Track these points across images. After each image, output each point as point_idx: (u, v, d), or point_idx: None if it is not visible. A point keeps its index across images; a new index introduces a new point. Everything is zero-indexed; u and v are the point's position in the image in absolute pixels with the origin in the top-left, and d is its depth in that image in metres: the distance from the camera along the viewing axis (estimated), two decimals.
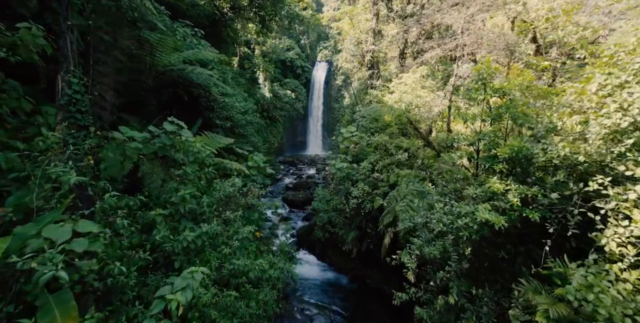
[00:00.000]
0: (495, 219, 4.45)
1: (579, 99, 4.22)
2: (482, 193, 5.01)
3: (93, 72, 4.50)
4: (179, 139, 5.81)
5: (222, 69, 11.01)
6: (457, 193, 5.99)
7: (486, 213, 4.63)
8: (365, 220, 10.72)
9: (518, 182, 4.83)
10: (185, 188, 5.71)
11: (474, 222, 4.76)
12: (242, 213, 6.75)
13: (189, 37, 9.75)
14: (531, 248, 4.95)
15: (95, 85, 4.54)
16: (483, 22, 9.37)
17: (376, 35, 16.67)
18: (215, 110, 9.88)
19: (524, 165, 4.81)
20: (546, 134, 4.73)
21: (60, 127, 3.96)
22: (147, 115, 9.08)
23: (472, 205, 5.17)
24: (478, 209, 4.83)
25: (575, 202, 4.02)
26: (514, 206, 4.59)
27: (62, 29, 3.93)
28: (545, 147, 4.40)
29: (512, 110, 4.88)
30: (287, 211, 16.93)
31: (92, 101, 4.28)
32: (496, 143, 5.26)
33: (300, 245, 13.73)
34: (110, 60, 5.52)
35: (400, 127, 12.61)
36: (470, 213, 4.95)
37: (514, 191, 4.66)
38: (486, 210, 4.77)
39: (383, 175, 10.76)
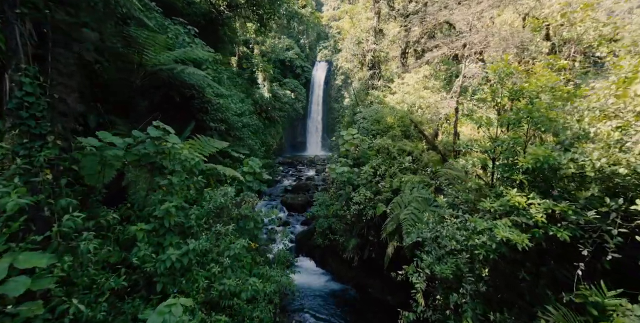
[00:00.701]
0: (518, 238, 3.89)
1: (616, 102, 3.67)
2: (501, 207, 4.45)
3: (52, 70, 3.93)
4: (165, 144, 5.24)
5: (218, 68, 10.44)
6: (469, 204, 5.43)
7: (506, 230, 4.07)
8: (367, 227, 10.17)
9: (541, 195, 4.27)
10: (171, 200, 5.14)
11: (492, 239, 4.20)
12: (235, 225, 6.18)
13: (181, 35, 9.18)
14: (554, 267, 4.39)
15: (54, 87, 3.97)
16: (491, 20, 8.81)
17: (377, 34, 16.09)
18: (209, 112, 9.31)
19: (548, 177, 4.25)
20: (575, 141, 4.17)
21: (8, 136, 3.39)
22: (137, 117, 8.52)
23: (488, 220, 4.62)
24: (497, 225, 4.28)
25: (613, 220, 3.46)
26: (539, 223, 4.03)
27: (8, 18, 3.31)
28: (575, 156, 3.84)
29: (534, 115, 4.33)
30: (285, 215, 16.37)
31: (50, 105, 3.71)
32: (515, 151, 4.70)
33: (299, 251, 13.17)
34: (73, 57, 4.93)
35: (403, 129, 12.05)
36: (487, 230, 4.39)
37: (537, 206, 4.10)
38: (506, 226, 4.21)
39: (385, 180, 10.20)
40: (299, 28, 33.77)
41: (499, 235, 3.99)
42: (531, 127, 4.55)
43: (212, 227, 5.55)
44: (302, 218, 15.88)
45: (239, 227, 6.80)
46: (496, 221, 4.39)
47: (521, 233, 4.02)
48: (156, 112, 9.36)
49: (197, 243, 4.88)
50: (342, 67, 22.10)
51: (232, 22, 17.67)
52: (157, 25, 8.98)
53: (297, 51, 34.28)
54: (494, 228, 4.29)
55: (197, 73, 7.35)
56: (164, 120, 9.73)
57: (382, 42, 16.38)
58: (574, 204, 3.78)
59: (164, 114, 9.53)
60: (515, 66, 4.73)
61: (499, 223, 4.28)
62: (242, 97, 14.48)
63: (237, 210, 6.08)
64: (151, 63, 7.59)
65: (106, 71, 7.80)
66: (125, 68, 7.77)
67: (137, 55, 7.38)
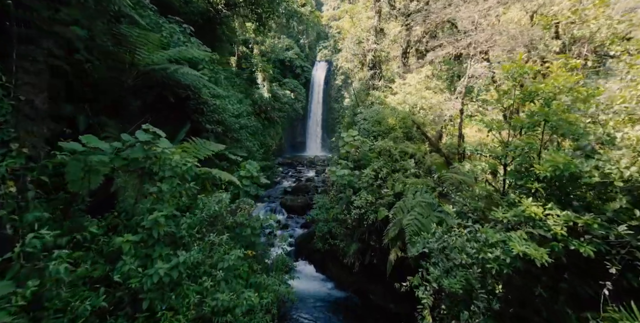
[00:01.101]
0: (536, 253, 3.53)
1: None
2: (515, 218, 4.09)
3: (17, 69, 3.56)
4: (155, 149, 4.87)
5: (215, 68, 10.09)
6: (478, 213, 5.07)
7: (522, 244, 3.72)
8: (368, 232, 9.81)
9: (559, 206, 3.91)
10: (160, 209, 4.79)
11: (506, 254, 3.85)
12: (231, 233, 5.83)
13: (176, 34, 8.81)
14: (576, 284, 4.03)
15: (20, 87, 3.60)
16: (497, 18, 8.46)
17: (378, 33, 15.73)
18: (205, 114, 8.95)
19: (567, 186, 3.90)
20: (598, 147, 3.82)
21: None
22: (130, 118, 8.17)
23: (501, 232, 4.26)
24: (511, 238, 3.92)
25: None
26: (558, 236, 3.68)
27: None
28: (599, 164, 3.49)
29: (551, 118, 3.97)
30: (285, 217, 16.01)
31: (15, 108, 3.35)
32: (529, 157, 4.34)
33: (298, 255, 12.83)
34: (43, 54, 4.54)
35: (405, 131, 11.70)
36: (500, 243, 4.04)
37: (556, 217, 3.74)
38: (521, 239, 3.86)
39: (387, 184, 9.85)
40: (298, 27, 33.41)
41: (515, 250, 3.63)
42: (547, 131, 4.20)
43: (205, 236, 5.19)
44: (301, 220, 15.52)
45: (235, 234, 6.45)
46: (510, 233, 4.04)
47: (539, 248, 3.67)
48: (150, 113, 9.03)
49: (188, 255, 4.52)
50: (342, 67, 21.73)
51: (230, 21, 17.31)
52: (152, 23, 8.62)
53: (296, 51, 33.92)
54: (508, 241, 3.94)
55: (192, 73, 6.99)
56: (158, 122, 9.37)
57: (383, 41, 16.02)
58: (599, 217, 3.43)
59: (158, 115, 9.18)
60: (530, 65, 4.37)
61: (514, 235, 3.93)
62: (241, 97, 14.12)
63: (232, 218, 5.72)
64: (144, 62, 7.23)
65: (97, 70, 7.45)
66: (116, 67, 7.41)
67: (128, 54, 7.02)
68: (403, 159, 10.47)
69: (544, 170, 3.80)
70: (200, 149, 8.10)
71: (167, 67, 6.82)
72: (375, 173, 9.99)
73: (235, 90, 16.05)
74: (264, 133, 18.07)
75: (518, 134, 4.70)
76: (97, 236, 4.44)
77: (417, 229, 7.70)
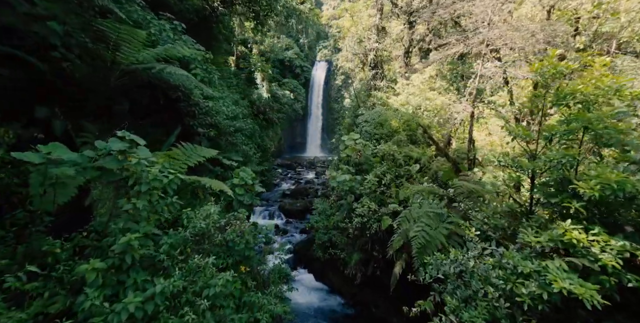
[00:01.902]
0: (585, 293, 2.85)
1: None
2: (550, 243, 3.41)
3: None
4: (131, 159, 4.18)
5: (208, 68, 9.39)
6: (501, 232, 4.39)
7: (563, 276, 3.04)
8: (371, 241, 9.13)
9: (606, 230, 3.23)
10: (136, 228, 4.10)
11: (543, 288, 3.17)
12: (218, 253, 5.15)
13: (166, 31, 8.11)
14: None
15: None
16: (510, 14, 7.79)
17: (380, 32, 15.02)
18: (197, 116, 8.26)
19: (617, 207, 3.22)
20: None
21: None
22: (117, 122, 7.49)
23: (532, 258, 3.58)
24: (547, 268, 3.25)
25: None
26: (608, 268, 3.01)
27: None
28: None
29: (595, 125, 3.29)
30: (283, 221, 15.35)
31: None
32: (564, 170, 3.65)
33: (297, 263, 12.15)
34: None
35: (408, 134, 11.02)
36: (534, 273, 3.35)
37: (605, 245, 3.07)
38: (561, 270, 3.18)
39: (391, 190, 9.16)
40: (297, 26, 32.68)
41: (556, 286, 2.95)
42: (589, 140, 3.52)
43: (190, 258, 4.50)
44: (301, 225, 14.84)
45: (227, 248, 5.78)
46: (545, 262, 3.35)
47: (585, 283, 2.99)
48: (140, 116, 8.34)
49: (167, 284, 3.84)
50: (343, 67, 21.04)
51: (227, 19, 16.60)
52: (139, 19, 7.93)
53: (296, 51, 33.21)
54: (543, 271, 3.26)
55: (179, 73, 6.30)
56: (147, 125, 8.69)
57: (385, 40, 15.32)
58: None
59: (147, 117, 8.49)
60: (567, 64, 3.69)
61: (551, 265, 3.25)
62: (237, 98, 13.41)
63: (220, 236, 5.03)
64: (127, 61, 6.53)
65: (78, 70, 6.76)
66: (98, 66, 6.72)
67: (109, 51, 6.32)
68: (407, 164, 9.80)
69: (589, 189, 3.11)
70: (191, 155, 7.41)
71: (151, 66, 6.13)
72: (379, 179, 9.31)
73: (233, 90, 15.34)
74: (262, 134, 17.36)
75: (547, 143, 4.02)
76: (59, 261, 3.75)
77: (424, 242, 7.02)
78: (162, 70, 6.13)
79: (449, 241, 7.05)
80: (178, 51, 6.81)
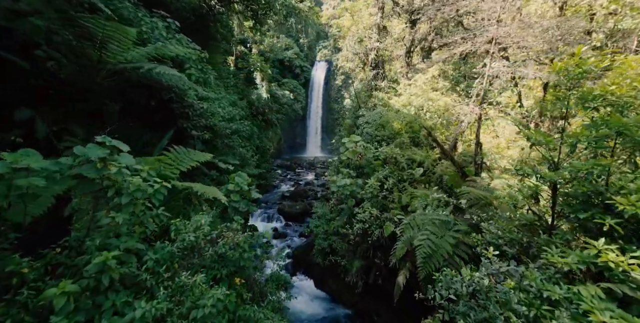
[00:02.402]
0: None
1: None
2: (581, 266, 2.99)
3: None
4: (111, 168, 3.75)
5: (204, 68, 8.97)
6: (517, 247, 3.97)
7: (603, 309, 2.62)
8: (373, 248, 8.71)
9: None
10: (117, 244, 3.69)
11: (577, 319, 2.75)
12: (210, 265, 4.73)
13: (159, 29, 7.68)
14: None
15: None
16: (519, 10, 7.35)
17: (381, 31, 14.58)
18: (191, 118, 7.83)
19: None
20: None
21: None
22: (106, 124, 7.07)
23: (560, 283, 3.16)
24: (581, 295, 2.83)
25: None
26: None
27: None
28: None
29: (632, 131, 2.87)
30: (282, 224, 14.93)
31: None
32: (593, 181, 3.22)
33: (296, 268, 11.74)
34: None
35: (411, 136, 10.59)
36: (564, 301, 2.93)
37: None
38: (597, 299, 2.76)
39: (394, 195, 8.74)
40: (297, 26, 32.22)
41: (595, 319, 2.53)
42: (625, 147, 3.09)
43: (177, 274, 4.07)
44: (300, 228, 14.42)
45: (220, 259, 5.36)
46: (576, 287, 2.93)
47: (626, 314, 2.57)
48: (132, 118, 7.92)
49: (149, 307, 3.42)
50: (343, 67, 20.59)
51: (226, 18, 16.17)
52: (131, 16, 7.50)
53: (296, 51, 32.77)
54: (575, 298, 2.84)
55: (169, 72, 5.86)
56: (140, 127, 8.27)
57: (386, 40, 14.88)
58: None
59: (139, 120, 8.07)
60: (596, 62, 3.26)
61: (584, 292, 2.83)
62: (235, 99, 12.96)
63: (212, 250, 4.60)
64: (114, 60, 6.10)
65: (63, 69, 6.34)
66: (84, 65, 6.29)
67: (95, 50, 5.89)
68: (410, 168, 9.37)
69: (629, 205, 2.69)
70: (184, 159, 6.99)
71: (139, 66, 5.70)
72: (380, 184, 8.88)
73: (231, 91, 14.91)
74: (260, 136, 16.93)
75: (571, 150, 3.59)
76: (26, 283, 3.33)
77: (430, 251, 6.61)
78: (151, 70, 5.69)
79: (455, 251, 6.64)
80: (170, 50, 6.38)
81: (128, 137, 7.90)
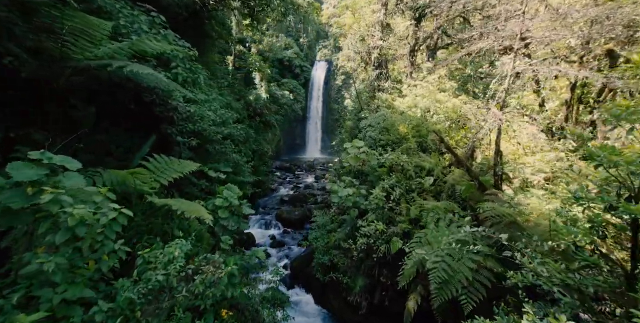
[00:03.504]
0: None
1: None
2: None
3: None
4: (47, 193, 2.82)
5: (193, 67, 8.02)
6: (575, 293, 3.03)
7: None
8: (379, 265, 7.78)
9: None
10: (47, 297, 2.75)
11: None
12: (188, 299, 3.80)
13: (140, 22, 6.74)
14: None
15: None
16: (543, 1, 6.39)
17: (384, 28, 13.61)
18: (176, 123, 6.90)
19: None
20: None
21: None
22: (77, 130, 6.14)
23: None
24: None
25: None
26: None
27: None
28: None
29: None
30: (280, 231, 13.99)
31: None
32: None
33: (294, 281, 10.80)
34: None
35: (418, 141, 9.66)
36: None
37: None
38: None
39: (401, 207, 7.81)
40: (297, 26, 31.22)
41: None
42: None
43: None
44: (299, 236, 13.50)
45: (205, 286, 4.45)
46: None
47: None
48: (108, 122, 6.97)
49: None
50: (343, 67, 19.62)
51: (221, 15, 15.20)
52: (108, 8, 6.56)
53: (296, 50, 31.79)
54: None
55: (144, 71, 4.91)
56: (121, 133, 7.32)
57: (390, 38, 13.92)
58: None
59: (119, 124, 7.13)
60: None
61: None
62: (230, 100, 12.01)
63: (186, 288, 3.67)
64: (82, 56, 5.15)
65: (24, 67, 5.39)
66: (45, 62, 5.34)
67: (58, 44, 4.94)
68: (419, 176, 8.44)
69: None
70: (165, 169, 6.07)
71: (106, 64, 4.75)
72: (387, 194, 7.95)
73: (227, 91, 13.96)
74: (258, 138, 15.98)
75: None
76: None
77: (445, 276, 5.71)
78: (122, 68, 4.74)
79: (476, 276, 5.72)
80: (150, 46, 5.44)
81: (106, 144, 6.98)
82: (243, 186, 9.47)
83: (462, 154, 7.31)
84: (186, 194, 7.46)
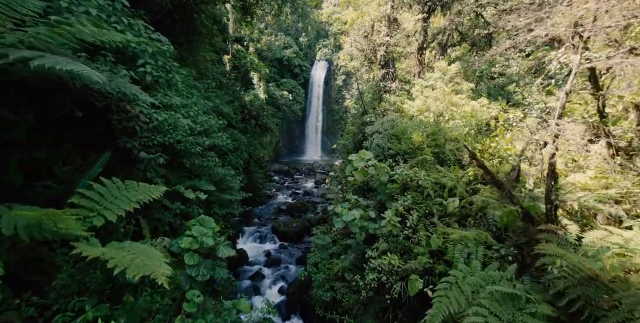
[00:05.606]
0: None
1: None
2: None
3: None
4: None
5: (167, 65, 6.41)
6: None
7: None
8: (393, 308, 6.25)
9: None
10: None
11: None
12: None
13: (84, 5, 5.10)
14: None
15: None
16: None
17: (391, 24, 11.97)
18: (140, 135, 5.29)
19: None
20: None
21: None
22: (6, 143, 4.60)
23: None
24: None
25: None
26: None
27: None
28: None
29: None
30: (276, 246, 12.39)
31: None
32: None
33: (290, 309, 9.22)
34: None
35: (434, 151, 8.07)
36: None
37: None
38: None
39: (420, 235, 6.22)
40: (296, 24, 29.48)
41: None
42: None
43: None
44: (297, 252, 11.93)
45: None
46: None
47: None
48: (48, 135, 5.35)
49: None
50: (345, 66, 17.95)
51: (213, 10, 13.54)
52: None
53: (295, 49, 30.08)
54: None
55: (71, 68, 3.30)
56: (70, 147, 5.70)
57: (397, 34, 12.29)
58: None
59: (66, 136, 5.51)
60: None
61: None
62: (217, 104, 10.36)
63: None
64: None
65: None
66: None
67: None
68: (438, 195, 6.85)
69: None
70: (118, 198, 4.46)
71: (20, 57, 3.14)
72: (402, 219, 6.36)
73: (220, 93, 12.33)
74: (254, 142, 14.35)
75: None
76: None
77: None
78: (31, 60, 3.13)
79: None
80: (81, 32, 3.80)
81: (47, 161, 5.37)
82: (230, 205, 7.88)
83: (508, 179, 5.70)
84: (156, 221, 5.86)
